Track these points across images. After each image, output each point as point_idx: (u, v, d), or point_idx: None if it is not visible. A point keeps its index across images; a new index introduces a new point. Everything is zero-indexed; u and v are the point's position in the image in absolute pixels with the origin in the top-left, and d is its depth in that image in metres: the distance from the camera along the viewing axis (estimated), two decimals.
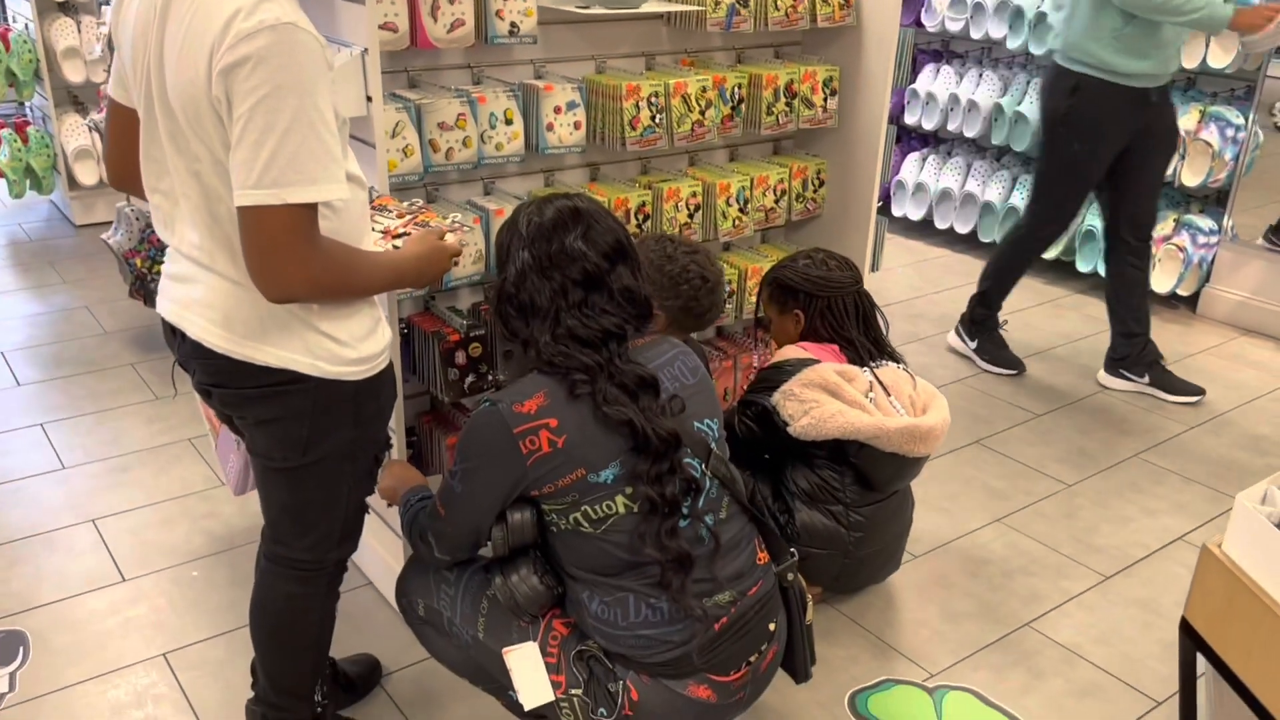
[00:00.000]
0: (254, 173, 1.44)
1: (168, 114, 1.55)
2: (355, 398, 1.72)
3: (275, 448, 1.73)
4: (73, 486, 2.99)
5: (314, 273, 1.52)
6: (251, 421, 1.73)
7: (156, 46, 1.53)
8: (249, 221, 1.47)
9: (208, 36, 1.43)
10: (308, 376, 1.64)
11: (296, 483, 1.77)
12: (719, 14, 2.57)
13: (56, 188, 5.18)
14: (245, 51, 1.41)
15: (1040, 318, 4.48)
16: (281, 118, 1.43)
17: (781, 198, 2.89)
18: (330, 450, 1.74)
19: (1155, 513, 3.04)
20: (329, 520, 1.83)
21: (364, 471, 1.85)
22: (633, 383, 1.66)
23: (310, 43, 1.46)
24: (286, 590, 1.89)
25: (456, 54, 2.35)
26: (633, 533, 1.66)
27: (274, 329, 1.62)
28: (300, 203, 1.46)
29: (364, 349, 1.70)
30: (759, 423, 2.32)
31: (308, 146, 1.45)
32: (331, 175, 1.49)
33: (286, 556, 1.86)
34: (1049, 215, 3.73)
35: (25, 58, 4.84)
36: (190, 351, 1.69)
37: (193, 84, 1.47)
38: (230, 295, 1.61)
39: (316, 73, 1.46)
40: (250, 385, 1.66)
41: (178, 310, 1.68)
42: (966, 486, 3.14)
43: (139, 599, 2.54)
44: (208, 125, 1.49)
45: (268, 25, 1.41)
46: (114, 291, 4.24)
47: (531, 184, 2.58)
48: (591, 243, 1.69)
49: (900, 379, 2.39)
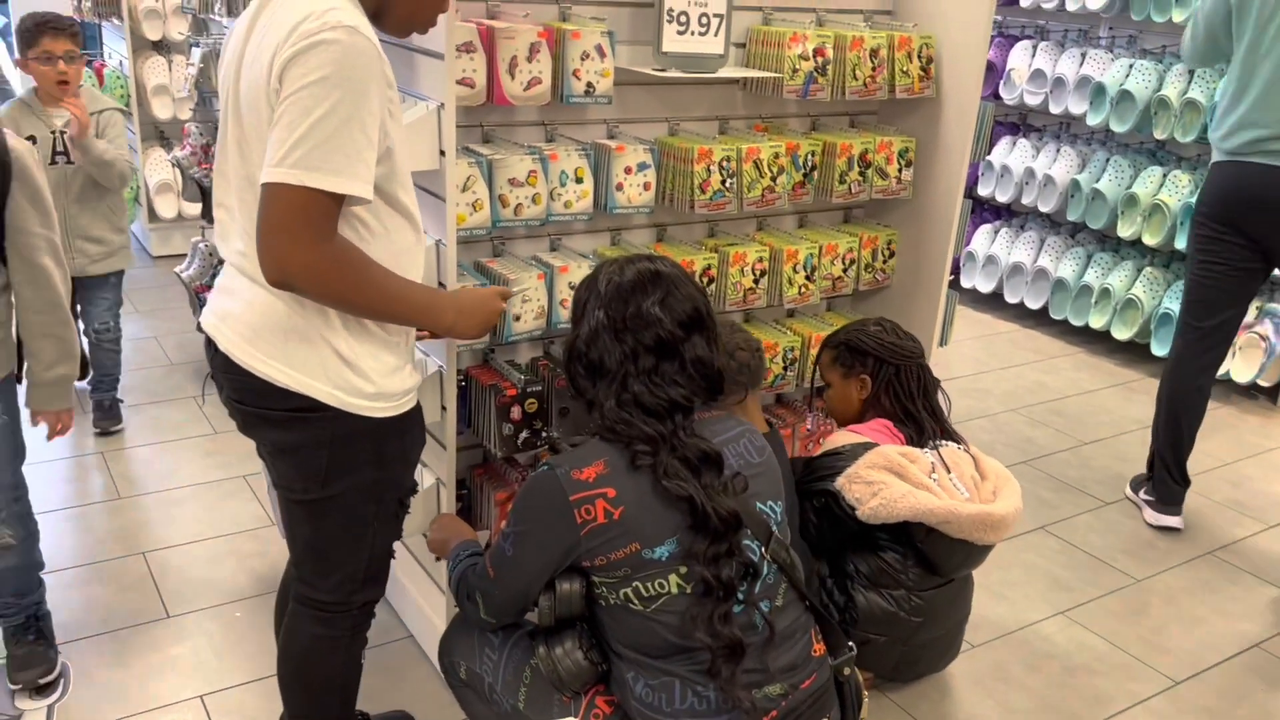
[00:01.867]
0: (281, 151, 1.46)
1: (237, 122, 1.60)
2: (376, 435, 1.70)
3: (296, 478, 1.72)
4: (126, 517, 3.01)
5: (316, 262, 1.50)
6: (271, 448, 1.74)
7: (237, 62, 1.60)
8: (267, 198, 1.49)
9: (275, 38, 1.50)
10: (326, 406, 1.63)
11: (318, 517, 1.76)
12: (796, 82, 2.55)
13: (137, 219, 5.32)
14: (303, 46, 1.46)
15: (1112, 400, 4.34)
16: (321, 106, 1.46)
17: (850, 267, 2.84)
18: (351, 486, 1.72)
19: (1230, 615, 2.89)
20: (353, 561, 1.81)
21: (389, 515, 1.83)
22: (695, 457, 1.61)
23: (367, 48, 1.50)
24: (311, 631, 1.87)
25: (532, 111, 2.35)
26: (684, 614, 1.61)
27: (298, 348, 1.62)
28: (318, 188, 1.46)
29: (385, 385, 1.68)
30: (821, 514, 2.24)
31: (339, 139, 1.47)
32: (356, 173, 1.49)
33: (312, 597, 1.84)
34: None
35: (118, 93, 5.01)
36: (220, 364, 1.71)
37: (256, 83, 1.53)
38: (263, 309, 1.62)
39: (367, 76, 1.50)
40: (270, 406, 1.66)
41: (214, 322, 1.71)
42: (1029, 574, 3.02)
43: (181, 637, 2.53)
44: (265, 129, 1.52)
45: (331, 26, 1.47)
46: (184, 324, 4.31)
47: (598, 242, 2.56)
48: (669, 309, 1.66)
49: (961, 459, 2.30)
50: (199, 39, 3.70)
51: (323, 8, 1.50)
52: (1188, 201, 4.44)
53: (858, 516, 2.17)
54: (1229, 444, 4.00)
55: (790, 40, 2.51)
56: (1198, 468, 3.73)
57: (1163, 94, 4.50)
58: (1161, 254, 4.79)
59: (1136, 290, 4.68)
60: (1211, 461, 3.83)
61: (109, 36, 5.51)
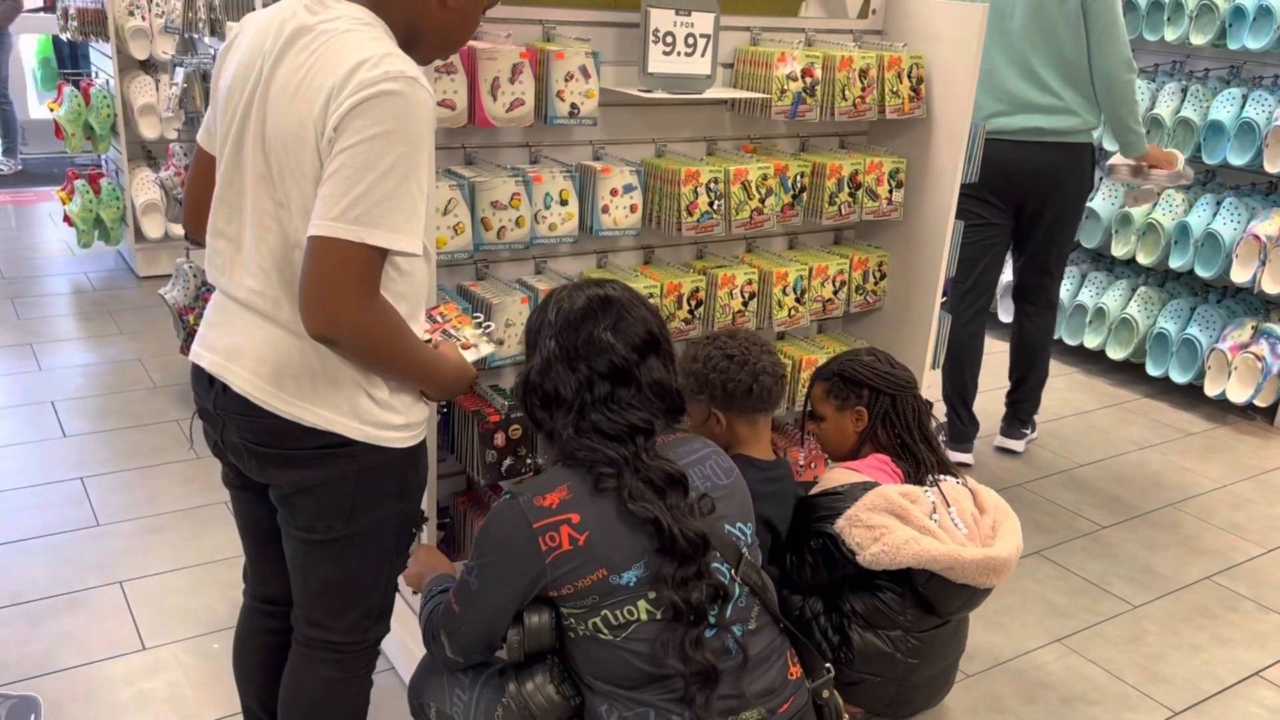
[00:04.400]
0: (338, 206, 1.42)
1: (262, 156, 1.54)
2: (401, 466, 1.67)
3: (318, 518, 1.66)
4: (104, 545, 2.95)
5: (363, 321, 1.48)
6: (291, 489, 1.66)
7: (261, 89, 1.53)
8: (318, 251, 1.44)
9: (328, 80, 1.45)
10: (354, 441, 1.59)
11: (339, 555, 1.70)
12: (784, 102, 2.52)
13: (123, 239, 5.28)
14: (365, 97, 1.42)
15: (1107, 421, 4.30)
16: (383, 161, 1.42)
17: (841, 289, 2.80)
18: (374, 521, 1.68)
19: (1229, 643, 2.84)
20: (370, 597, 1.76)
21: (404, 545, 1.80)
22: (660, 479, 1.58)
23: (427, 100, 1.48)
24: (323, 675, 1.80)
25: (515, 133, 2.31)
26: (655, 641, 1.57)
27: (325, 388, 1.57)
28: (376, 245, 1.44)
29: (411, 415, 1.66)
30: (819, 555, 2.17)
31: (399, 195, 1.44)
32: (412, 229, 1.47)
33: (323, 639, 1.78)
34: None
35: (104, 112, 4.98)
36: (232, 406, 1.62)
37: (301, 124, 1.47)
38: (286, 349, 1.57)
39: (426, 130, 1.48)
40: (295, 446, 1.61)
41: (221, 362, 1.63)
42: (1025, 600, 2.97)
43: (157, 670, 2.47)
44: (306, 169, 1.48)
45: (391, 76, 1.43)
46: (167, 345, 4.26)
47: (584, 264, 2.52)
48: (621, 334, 1.63)
49: (961, 494, 2.25)
50: (183, 58, 3.66)
51: (378, 52, 1.45)
52: (1183, 221, 4.41)
53: (858, 562, 2.11)
54: (1226, 465, 3.95)
55: (778, 60, 2.48)
56: (1195, 490, 3.70)
57: (1155, 113, 4.48)
58: (1156, 273, 4.76)
59: (1131, 310, 4.65)
60: (1209, 483, 3.78)
61: (96, 56, 5.48)
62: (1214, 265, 4.32)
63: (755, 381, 2.14)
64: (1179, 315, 4.55)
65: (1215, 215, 4.37)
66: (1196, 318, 4.50)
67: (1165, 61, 4.67)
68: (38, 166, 7.22)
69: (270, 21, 1.56)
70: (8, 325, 4.51)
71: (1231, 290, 4.55)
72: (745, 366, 2.14)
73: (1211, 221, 4.35)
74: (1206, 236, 4.33)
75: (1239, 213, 4.32)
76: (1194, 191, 4.51)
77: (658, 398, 1.64)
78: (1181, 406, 4.48)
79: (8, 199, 6.58)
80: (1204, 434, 4.25)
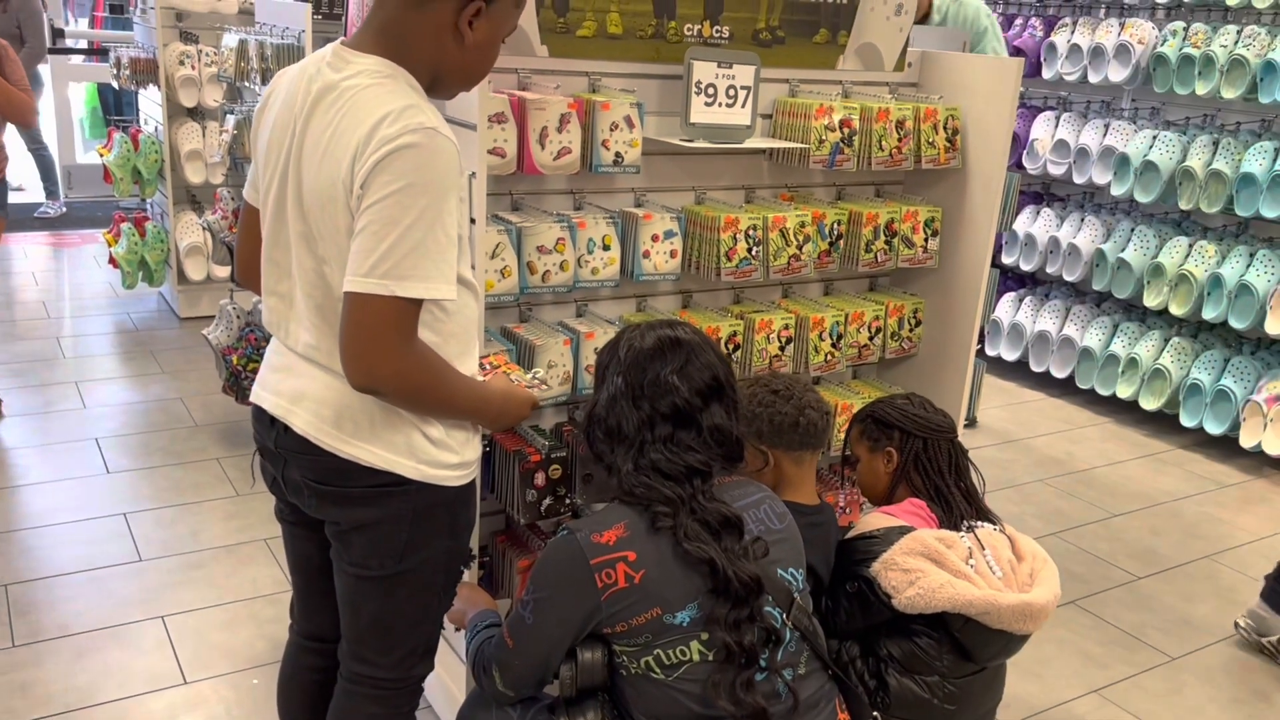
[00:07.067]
0: (368, 262, 1.46)
1: (300, 215, 1.58)
2: (452, 505, 1.70)
3: (371, 554, 1.69)
4: (146, 581, 2.99)
5: (403, 369, 1.52)
6: (348, 526, 1.70)
7: (295, 149, 1.58)
8: (353, 307, 1.48)
9: (353, 139, 1.49)
10: (409, 480, 1.63)
11: (389, 592, 1.73)
12: (822, 152, 2.57)
13: (166, 281, 5.39)
14: (386, 152, 1.46)
15: (1141, 471, 4.28)
16: (409, 214, 1.46)
17: (876, 335, 2.83)
18: (425, 558, 1.71)
19: (1269, 697, 2.81)
20: (417, 634, 1.79)
21: (452, 583, 1.83)
22: (716, 520, 1.60)
23: (449, 148, 1.51)
24: (369, 711, 1.82)
25: (560, 180, 2.38)
26: (706, 682, 1.58)
27: (383, 429, 1.61)
28: (408, 297, 1.47)
29: (465, 454, 1.70)
30: (854, 599, 2.18)
31: (426, 245, 1.48)
32: (443, 275, 1.51)
33: (370, 676, 1.80)
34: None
35: (151, 158, 5.11)
36: (294, 446, 1.67)
37: (332, 184, 1.51)
38: (345, 393, 1.61)
39: (449, 177, 1.51)
40: (354, 485, 1.65)
41: (284, 404, 1.68)
42: (1061, 650, 2.95)
43: (197, 704, 2.49)
44: (341, 226, 1.52)
45: (411, 129, 1.47)
46: (209, 385, 4.34)
47: (624, 308, 2.57)
48: (686, 377, 1.66)
49: (998, 541, 2.25)
50: (234, 106, 3.77)
51: (399, 105, 1.49)
52: (1215, 272, 4.41)
53: (893, 605, 2.11)
54: (1264, 518, 3.92)
55: (817, 112, 2.53)
56: (1232, 541, 3.66)
57: (1187, 165, 4.51)
58: (1189, 324, 4.75)
59: (1164, 360, 4.64)
60: (1245, 535, 3.75)
61: (145, 103, 5.63)
62: (1248, 317, 4.32)
63: (801, 414, 2.15)
64: (1213, 366, 4.54)
65: (1249, 267, 4.38)
66: (1231, 369, 4.49)
67: (1196, 115, 4.71)
68: (82, 210, 7.40)
69: (299, 79, 1.61)
70: (53, 364, 4.61)
71: (1266, 341, 4.54)
72: (791, 400, 2.17)
73: (1245, 273, 4.36)
74: (1240, 287, 4.33)
75: (1273, 265, 4.32)
76: (1227, 243, 4.52)
77: (717, 443, 1.66)
78: (1216, 458, 4.45)
79: (53, 241, 6.74)
80: (1239, 485, 4.21)
